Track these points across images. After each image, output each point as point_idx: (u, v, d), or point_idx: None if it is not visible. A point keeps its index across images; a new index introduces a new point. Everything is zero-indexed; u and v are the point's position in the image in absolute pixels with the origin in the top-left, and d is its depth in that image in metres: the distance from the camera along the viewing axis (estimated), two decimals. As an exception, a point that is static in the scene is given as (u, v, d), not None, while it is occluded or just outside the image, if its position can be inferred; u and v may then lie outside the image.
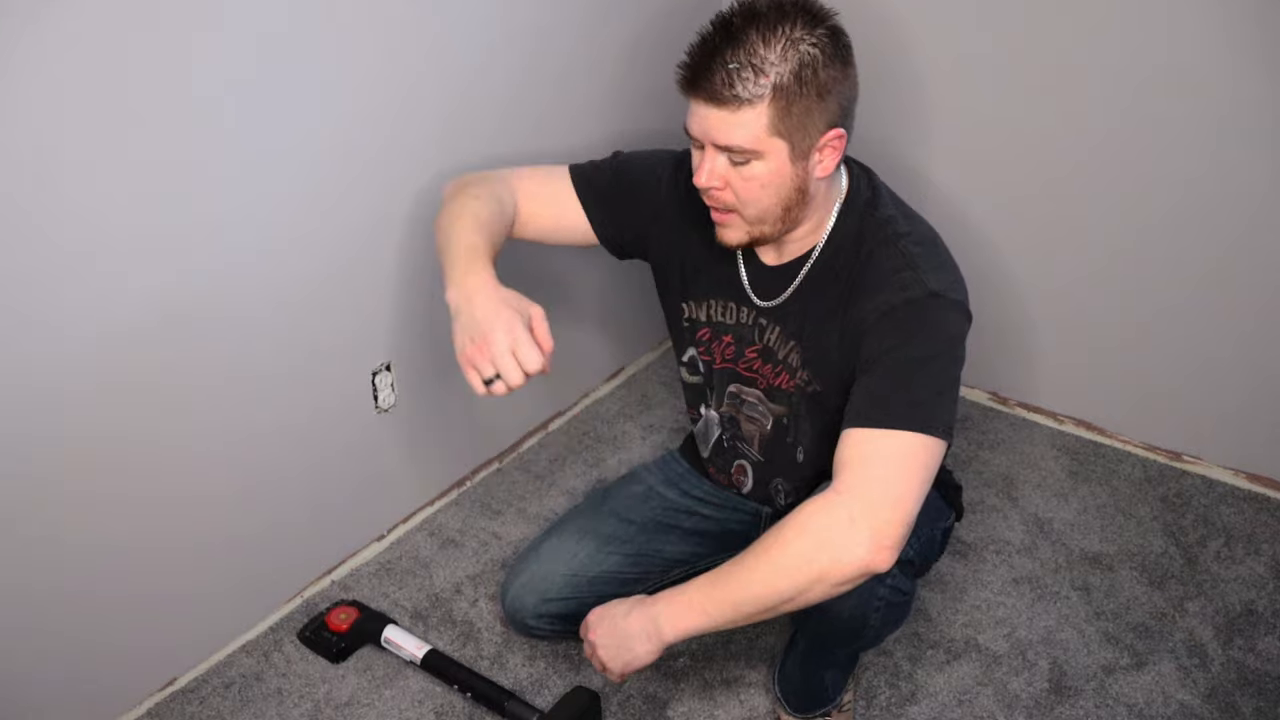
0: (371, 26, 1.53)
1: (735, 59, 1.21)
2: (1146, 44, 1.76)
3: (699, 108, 1.25)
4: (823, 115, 1.25)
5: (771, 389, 1.48)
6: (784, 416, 1.48)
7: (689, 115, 1.28)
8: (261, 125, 1.44)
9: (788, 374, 1.45)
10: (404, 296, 1.75)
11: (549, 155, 1.90)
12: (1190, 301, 1.89)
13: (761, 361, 1.47)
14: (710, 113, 1.24)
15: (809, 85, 1.22)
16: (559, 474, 2.04)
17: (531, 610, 1.59)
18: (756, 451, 1.55)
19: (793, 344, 1.43)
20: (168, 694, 1.61)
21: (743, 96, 1.21)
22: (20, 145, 1.21)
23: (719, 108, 1.23)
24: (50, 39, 1.19)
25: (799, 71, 1.21)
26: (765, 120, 1.23)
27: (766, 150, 1.25)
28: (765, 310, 1.45)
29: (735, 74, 1.21)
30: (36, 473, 1.35)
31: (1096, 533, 1.87)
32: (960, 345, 1.32)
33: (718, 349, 1.52)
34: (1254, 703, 1.57)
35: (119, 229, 1.33)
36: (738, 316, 1.48)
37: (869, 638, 1.39)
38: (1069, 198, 1.94)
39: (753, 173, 1.27)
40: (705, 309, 1.51)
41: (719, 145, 1.26)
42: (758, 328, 1.46)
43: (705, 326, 1.52)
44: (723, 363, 1.52)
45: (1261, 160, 1.73)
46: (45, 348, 1.31)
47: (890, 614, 1.37)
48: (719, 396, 1.55)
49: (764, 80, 1.21)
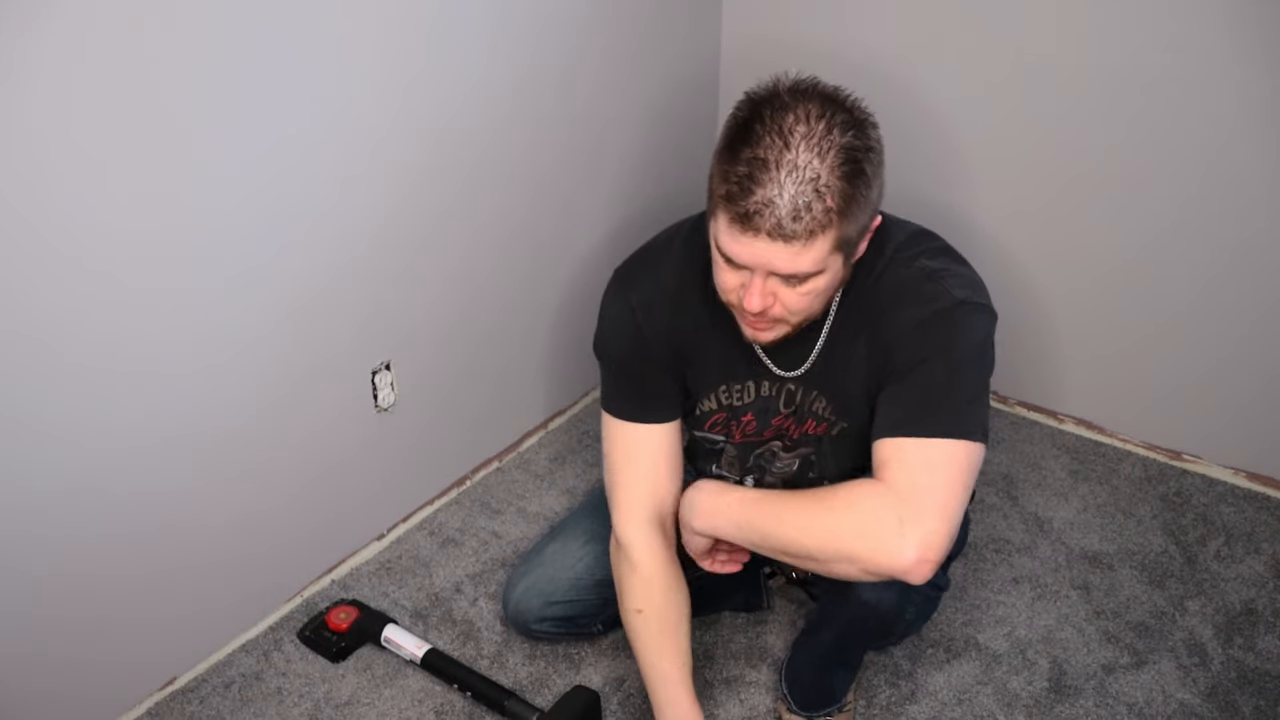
0: (371, 25, 1.53)
1: (801, 193, 1.11)
2: (1148, 45, 1.76)
3: (756, 243, 1.14)
4: (868, 207, 1.17)
5: (801, 438, 1.45)
6: (810, 455, 1.46)
7: (732, 241, 1.16)
8: (261, 125, 1.44)
9: (817, 423, 1.41)
10: (404, 296, 1.75)
11: (549, 154, 1.91)
12: (1191, 301, 1.89)
13: (792, 422, 1.42)
14: (771, 248, 1.13)
15: (861, 189, 1.14)
16: (559, 473, 2.04)
17: (535, 614, 1.59)
18: (780, 486, 1.52)
19: (815, 394, 1.39)
20: (168, 693, 1.61)
21: (813, 230, 1.12)
22: (15, 146, 1.21)
23: (784, 244, 1.13)
24: (51, 38, 1.19)
25: (853, 179, 1.13)
26: (830, 244, 1.14)
27: (829, 267, 1.17)
28: (792, 379, 1.38)
29: (806, 209, 1.11)
30: (37, 472, 1.35)
31: (1096, 532, 1.87)
32: (990, 348, 1.29)
33: (735, 429, 1.46)
34: (1254, 702, 1.57)
35: (119, 229, 1.33)
36: (757, 392, 1.41)
37: (899, 633, 1.40)
38: (1069, 201, 1.94)
39: (811, 288, 1.19)
40: (717, 398, 1.43)
41: (779, 274, 1.17)
42: (784, 395, 1.40)
43: (719, 412, 1.44)
44: (743, 439, 1.47)
45: (1263, 163, 1.73)
46: (46, 348, 1.31)
47: (924, 609, 1.38)
48: (741, 460, 1.50)
49: (829, 204, 1.12)
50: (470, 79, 1.71)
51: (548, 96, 1.86)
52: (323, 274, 1.60)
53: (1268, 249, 1.78)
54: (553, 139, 1.90)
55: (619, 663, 1.65)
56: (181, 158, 1.37)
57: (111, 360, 1.38)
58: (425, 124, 1.67)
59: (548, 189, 1.94)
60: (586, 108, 1.94)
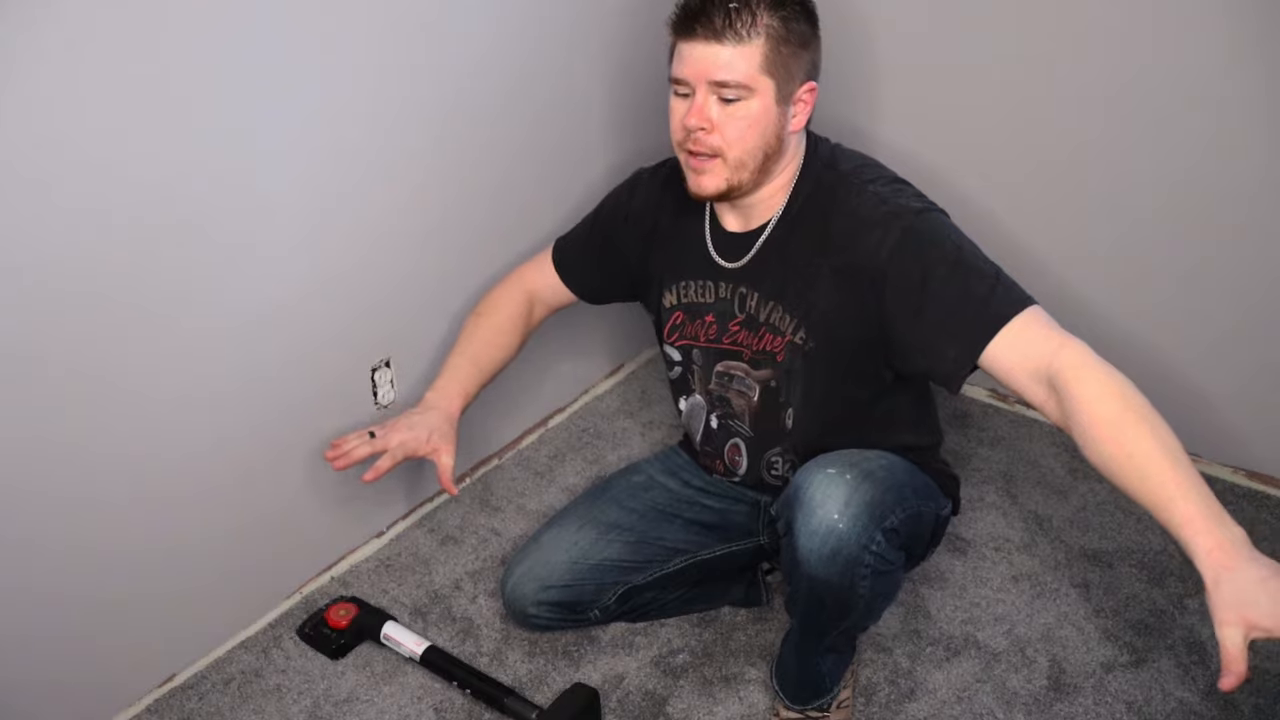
0: (370, 24, 1.53)
1: (736, 3, 1.32)
2: (1145, 45, 1.76)
3: (695, 48, 1.35)
4: (800, 65, 1.38)
5: (756, 356, 1.50)
6: (771, 380, 1.50)
7: (679, 61, 1.37)
8: (260, 124, 1.44)
9: (774, 336, 1.47)
10: (403, 293, 1.75)
11: (547, 153, 1.91)
12: (1189, 298, 1.89)
13: (747, 332, 1.50)
14: (708, 50, 1.34)
15: (793, 34, 1.35)
16: (558, 470, 2.04)
17: (531, 598, 1.59)
18: (748, 426, 1.56)
19: (773, 304, 1.46)
20: (167, 690, 1.61)
21: (741, 33, 1.33)
22: (15, 143, 1.21)
23: (718, 44, 1.33)
24: (50, 35, 1.19)
25: (785, 20, 1.35)
26: (759, 57, 1.34)
27: (758, 87, 1.35)
28: (735, 273, 1.49)
29: (735, 13, 1.32)
30: (37, 471, 1.35)
31: (1096, 530, 1.87)
32: (965, 236, 1.39)
33: (700, 329, 1.55)
34: (1253, 700, 1.57)
35: (118, 229, 1.33)
36: (716, 293, 1.52)
37: (859, 610, 1.38)
38: (1066, 193, 1.94)
39: (743, 111, 1.35)
40: (678, 292, 1.56)
41: (714, 81, 1.34)
42: (737, 298, 1.50)
43: (678, 310, 1.56)
44: (707, 341, 1.55)
45: (1257, 157, 1.73)
46: (46, 349, 1.31)
47: (878, 585, 1.35)
48: (705, 378, 1.57)
49: (759, 21, 1.33)
50: (470, 75, 1.71)
51: (547, 91, 1.85)
52: (322, 271, 1.60)
53: (1265, 245, 1.78)
54: (553, 133, 1.90)
55: (619, 660, 1.65)
56: (181, 158, 1.37)
57: (110, 360, 1.38)
58: (425, 122, 1.67)
59: (548, 184, 1.94)
60: (587, 102, 1.94)
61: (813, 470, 1.34)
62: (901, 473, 1.40)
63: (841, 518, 1.29)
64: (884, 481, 1.34)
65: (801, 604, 1.40)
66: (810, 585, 1.33)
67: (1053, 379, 1.26)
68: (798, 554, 1.32)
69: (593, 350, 2.22)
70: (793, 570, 1.35)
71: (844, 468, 1.33)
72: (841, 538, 1.29)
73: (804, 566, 1.32)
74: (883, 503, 1.32)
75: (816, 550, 1.30)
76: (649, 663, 1.64)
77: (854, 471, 1.32)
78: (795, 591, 1.38)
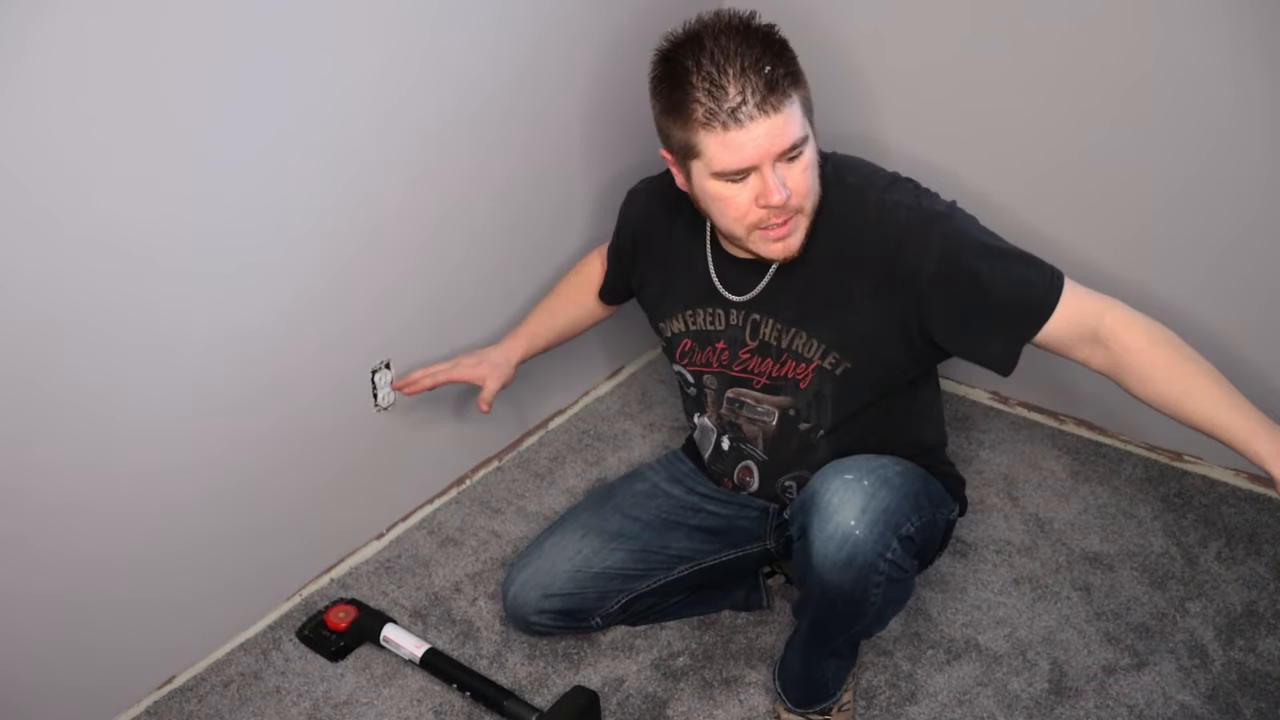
0: (370, 24, 1.53)
1: (765, 60, 1.26)
2: (1143, 41, 1.76)
3: (748, 132, 1.26)
4: (805, 79, 1.33)
5: (776, 382, 1.48)
6: (791, 407, 1.48)
7: (728, 152, 1.28)
8: (259, 125, 1.44)
9: (797, 362, 1.45)
10: (403, 295, 1.74)
11: (546, 152, 1.91)
12: (1189, 300, 1.88)
13: (760, 359, 1.47)
14: (765, 126, 1.26)
15: (793, 57, 1.31)
16: (559, 472, 2.03)
17: (534, 606, 1.59)
18: (761, 451, 1.55)
19: (795, 331, 1.43)
20: (166, 692, 1.61)
21: (783, 90, 1.27)
22: (14, 142, 1.21)
23: (773, 114, 1.26)
24: (50, 33, 1.19)
25: (782, 51, 1.30)
26: (799, 103, 1.30)
27: (808, 132, 1.32)
28: (745, 305, 1.46)
29: (774, 72, 1.26)
30: (37, 471, 1.35)
31: (1097, 533, 1.87)
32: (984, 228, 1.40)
33: (712, 355, 1.52)
34: (1255, 704, 1.56)
35: (117, 229, 1.33)
36: (726, 320, 1.49)
37: (870, 617, 1.37)
38: (1066, 196, 1.94)
39: (804, 160, 1.31)
40: (685, 320, 1.53)
41: (783, 150, 1.28)
42: (749, 325, 1.47)
43: (686, 337, 1.54)
44: (720, 367, 1.52)
45: (1256, 156, 1.73)
46: (47, 349, 1.31)
47: (891, 592, 1.35)
48: (717, 402, 1.55)
49: (781, 68, 1.27)
50: (470, 76, 1.71)
51: (548, 92, 1.85)
52: (322, 273, 1.60)
53: (1266, 246, 1.78)
54: (553, 136, 1.90)
55: (618, 663, 1.64)
56: (180, 158, 1.37)
57: (110, 360, 1.38)
58: (426, 124, 1.66)
59: (547, 187, 1.94)
60: (587, 104, 1.94)
61: (829, 475, 1.33)
62: (916, 479, 1.39)
63: (858, 524, 1.28)
64: (901, 489, 1.33)
65: (812, 609, 1.39)
66: (823, 591, 1.32)
67: (1103, 338, 1.35)
68: (812, 559, 1.31)
69: (593, 352, 2.21)
70: (806, 575, 1.34)
71: (861, 474, 1.32)
72: (858, 544, 1.28)
73: (818, 572, 1.31)
74: (899, 510, 1.32)
75: (832, 556, 1.29)
76: (649, 665, 1.64)
77: (871, 478, 1.31)
78: (807, 596, 1.37)
